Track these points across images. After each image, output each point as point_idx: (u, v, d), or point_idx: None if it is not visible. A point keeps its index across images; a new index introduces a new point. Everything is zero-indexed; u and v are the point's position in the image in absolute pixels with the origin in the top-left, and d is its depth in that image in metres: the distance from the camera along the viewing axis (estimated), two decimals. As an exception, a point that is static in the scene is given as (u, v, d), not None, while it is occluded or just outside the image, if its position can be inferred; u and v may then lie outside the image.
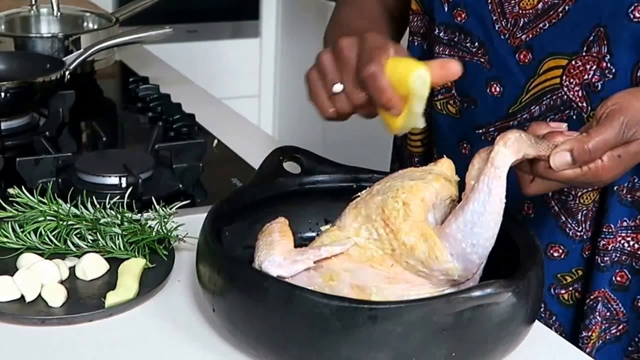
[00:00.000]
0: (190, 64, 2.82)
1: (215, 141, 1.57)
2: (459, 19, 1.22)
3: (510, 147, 0.93)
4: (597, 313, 1.17)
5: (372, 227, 0.96)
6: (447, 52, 1.24)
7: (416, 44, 1.31)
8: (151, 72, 1.97)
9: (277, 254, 0.96)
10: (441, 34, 1.24)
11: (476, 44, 1.21)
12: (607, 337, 1.19)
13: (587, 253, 1.19)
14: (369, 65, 1.00)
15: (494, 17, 1.18)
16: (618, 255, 1.17)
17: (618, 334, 1.20)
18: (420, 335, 0.85)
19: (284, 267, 0.95)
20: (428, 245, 0.93)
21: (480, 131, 1.23)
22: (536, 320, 0.97)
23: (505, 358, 0.93)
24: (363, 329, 0.85)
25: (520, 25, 1.16)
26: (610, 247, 1.15)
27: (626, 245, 1.16)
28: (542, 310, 1.22)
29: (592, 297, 1.17)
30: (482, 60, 1.21)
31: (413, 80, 0.99)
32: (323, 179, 1.13)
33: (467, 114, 1.25)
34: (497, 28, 1.18)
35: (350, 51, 1.04)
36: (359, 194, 1.01)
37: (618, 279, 1.18)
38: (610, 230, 1.15)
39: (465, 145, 1.26)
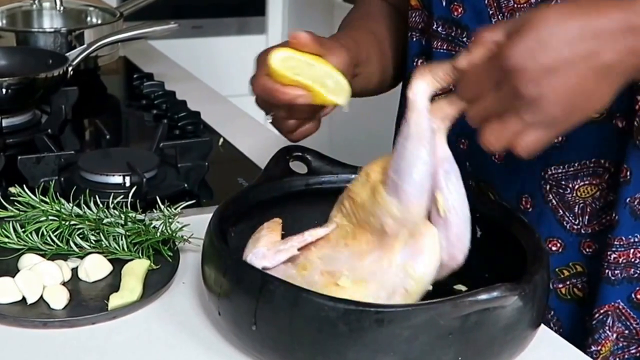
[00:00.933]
0: (196, 60, 2.81)
1: (221, 140, 1.56)
2: (455, 13, 1.22)
3: (423, 78, 0.95)
4: (608, 327, 1.15)
5: (343, 205, 1.01)
6: (445, 47, 1.24)
7: (415, 39, 1.31)
8: (156, 68, 1.96)
9: (261, 246, 0.98)
10: (439, 29, 1.24)
11: (472, 38, 1.20)
12: (626, 356, 1.17)
13: (587, 250, 1.17)
14: (254, 81, 1.09)
15: (491, 12, 1.18)
16: (638, 272, 1.15)
17: (638, 354, 1.17)
18: (427, 338, 0.85)
19: (267, 257, 0.97)
20: (374, 195, 0.96)
21: None
22: (542, 325, 0.96)
23: (511, 362, 0.93)
24: (369, 332, 0.84)
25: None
26: (621, 260, 1.14)
27: None
28: None
29: (601, 310, 1.15)
30: None
31: (274, 61, 1.05)
32: (330, 179, 1.12)
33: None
34: (493, 22, 1.18)
35: (256, 84, 1.13)
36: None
37: (638, 296, 1.15)
38: (621, 243, 1.13)
39: (463, 140, 1.25)
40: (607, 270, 1.14)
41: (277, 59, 1.05)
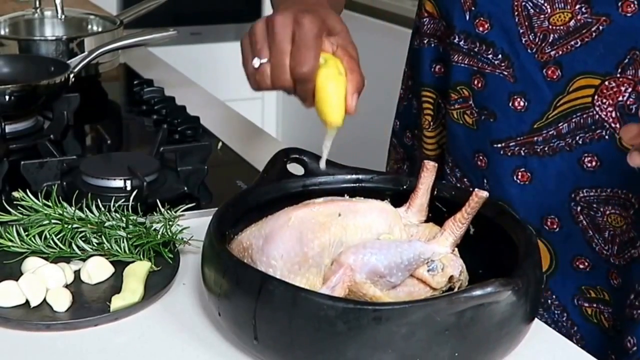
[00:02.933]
0: (195, 66, 2.83)
1: (220, 144, 1.57)
2: (480, 29, 1.20)
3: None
4: None
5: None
6: (466, 62, 1.23)
7: (433, 45, 1.30)
8: (156, 74, 1.97)
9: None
10: (461, 43, 1.22)
11: (499, 56, 1.19)
12: None
13: (614, 281, 1.17)
14: (302, 65, 1.02)
15: (521, 30, 1.17)
16: None
17: None
18: (424, 335, 0.85)
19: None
20: None
21: (499, 145, 1.21)
22: (537, 319, 0.97)
23: (506, 357, 0.94)
24: (368, 330, 0.85)
25: (550, 40, 1.15)
26: None
27: None
28: (564, 319, 1.21)
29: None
30: (506, 73, 1.19)
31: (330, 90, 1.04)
32: (326, 180, 1.13)
33: (484, 127, 1.23)
34: (523, 41, 1.17)
35: (283, 31, 1.04)
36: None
37: None
38: None
39: (481, 157, 1.24)
40: (633, 310, 1.14)
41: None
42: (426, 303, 0.87)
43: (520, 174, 1.20)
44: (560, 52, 1.14)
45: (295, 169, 1.15)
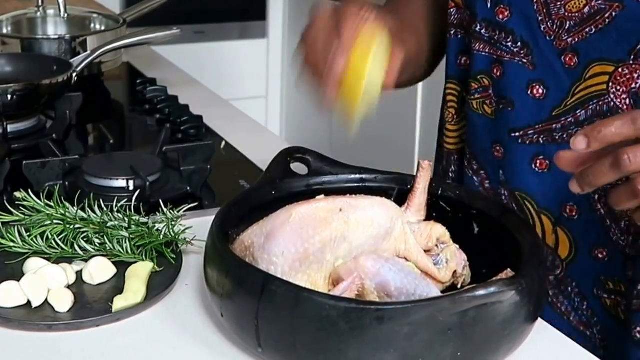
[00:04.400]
0: (198, 65, 2.82)
1: (223, 143, 1.57)
2: (501, 16, 1.20)
3: None
4: None
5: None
6: (487, 50, 1.23)
7: (459, 36, 1.30)
8: (159, 73, 1.97)
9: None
10: (482, 31, 1.23)
11: (519, 43, 1.19)
12: None
13: (629, 273, 1.17)
14: (335, 57, 1.03)
15: (540, 18, 1.17)
16: None
17: None
18: (427, 335, 0.85)
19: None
20: None
21: (517, 134, 1.21)
22: (540, 319, 0.97)
23: (509, 356, 0.93)
24: (370, 330, 0.85)
25: (566, 28, 1.15)
26: None
27: None
28: (584, 307, 1.21)
29: None
30: (525, 61, 1.19)
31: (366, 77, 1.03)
32: (330, 179, 1.13)
33: (501, 116, 1.23)
34: (542, 29, 1.17)
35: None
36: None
37: None
38: None
39: (498, 148, 1.24)
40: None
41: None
42: (429, 303, 0.87)
43: (539, 162, 1.20)
44: (577, 39, 1.14)
45: (299, 168, 1.14)
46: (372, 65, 1.04)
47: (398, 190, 1.11)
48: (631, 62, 1.11)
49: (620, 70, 1.12)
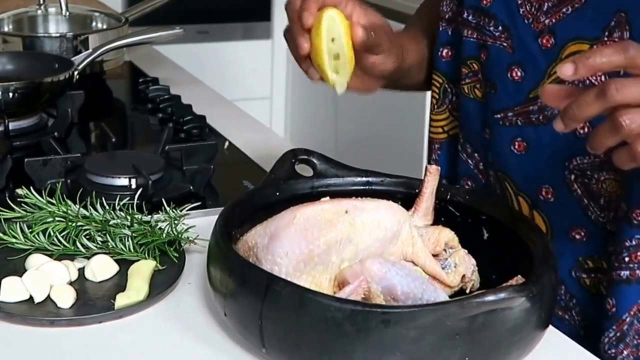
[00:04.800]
0: (201, 65, 2.82)
1: (227, 143, 1.56)
2: (485, 2, 1.23)
3: None
4: (631, 330, 1.15)
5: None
6: (474, 36, 1.26)
7: (441, 29, 1.33)
8: (161, 73, 1.96)
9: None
10: (469, 17, 1.26)
11: (500, 27, 1.22)
12: (633, 352, 1.16)
13: (610, 248, 1.17)
14: (297, 35, 1.11)
15: (519, 1, 1.19)
16: None
17: None
18: (434, 339, 0.85)
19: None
20: None
21: (498, 116, 1.23)
22: (550, 326, 0.96)
23: (519, 363, 0.93)
24: (376, 332, 0.84)
25: (544, 9, 1.17)
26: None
27: None
28: (562, 292, 1.21)
29: (631, 312, 1.14)
30: (505, 44, 1.21)
31: (324, 18, 1.08)
32: (336, 182, 1.12)
33: (488, 99, 1.25)
34: (521, 12, 1.19)
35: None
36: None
37: None
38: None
39: (487, 130, 1.26)
40: (626, 272, 1.13)
41: (328, 19, 1.09)
42: (436, 307, 0.87)
43: (517, 143, 1.21)
44: (554, 20, 1.16)
45: (304, 170, 1.14)
46: (328, 38, 1.09)
47: (405, 194, 1.11)
48: (606, 39, 1.11)
49: (595, 47, 1.11)
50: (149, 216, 1.18)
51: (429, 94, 1.39)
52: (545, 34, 1.17)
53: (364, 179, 1.13)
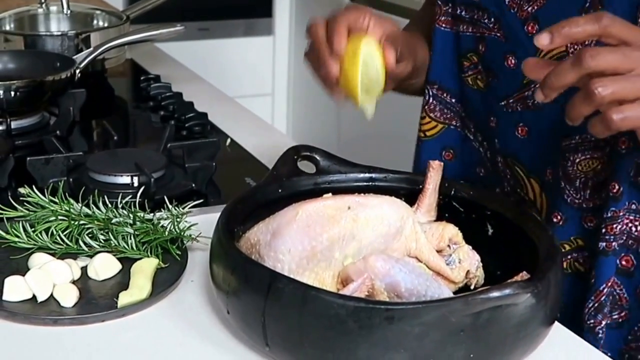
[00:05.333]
0: (203, 62, 2.81)
1: (228, 140, 1.56)
2: None
3: None
4: (606, 309, 1.16)
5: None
6: (470, 30, 1.29)
7: (442, 27, 1.35)
8: (163, 70, 1.96)
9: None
10: (463, 13, 1.30)
11: (492, 19, 1.25)
12: (609, 322, 1.18)
13: (589, 224, 1.18)
14: (327, 63, 1.11)
15: None
16: (624, 238, 1.15)
17: (620, 320, 1.18)
18: (438, 336, 0.84)
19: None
20: None
21: (502, 103, 1.26)
22: (556, 322, 0.96)
23: (524, 359, 0.92)
24: (379, 329, 0.84)
25: None
26: (618, 230, 1.14)
27: (633, 229, 1.15)
28: None
29: (608, 283, 1.16)
30: (499, 34, 1.25)
31: (362, 46, 1.10)
32: (339, 178, 1.12)
33: (491, 88, 1.28)
34: (507, 2, 1.22)
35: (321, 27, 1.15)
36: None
37: (623, 263, 1.16)
38: (619, 214, 1.14)
39: (492, 118, 1.28)
40: (602, 243, 1.15)
41: (367, 48, 1.11)
42: (440, 303, 0.86)
43: (520, 128, 1.24)
44: (536, 7, 1.19)
45: (307, 166, 1.13)
46: (363, 65, 1.10)
47: (408, 190, 1.10)
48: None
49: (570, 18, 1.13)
50: (151, 214, 1.17)
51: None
52: (530, 21, 1.20)
53: (367, 175, 1.12)
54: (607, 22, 0.92)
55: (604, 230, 1.14)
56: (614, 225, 1.14)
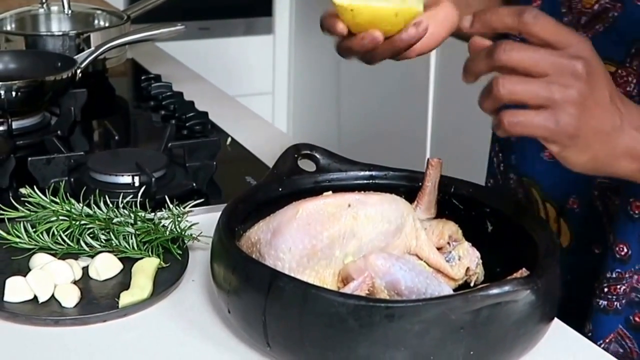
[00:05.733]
0: (203, 61, 2.81)
1: (229, 139, 1.56)
2: (534, 5, 1.21)
3: None
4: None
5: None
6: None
7: None
8: (163, 70, 1.96)
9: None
10: None
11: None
12: None
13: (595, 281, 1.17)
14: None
15: (563, 10, 1.18)
16: (632, 296, 1.14)
17: None
18: (438, 333, 0.84)
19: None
20: None
21: None
22: (556, 318, 0.96)
23: (524, 356, 0.92)
24: (380, 327, 0.84)
25: (582, 23, 1.15)
26: (620, 290, 1.13)
27: None
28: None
29: (606, 340, 1.15)
30: None
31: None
32: (339, 176, 1.12)
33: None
34: (564, 21, 1.18)
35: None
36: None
37: (637, 319, 1.15)
38: (622, 276, 1.13)
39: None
40: (603, 302, 1.14)
41: None
42: (440, 301, 0.87)
43: (548, 152, 1.19)
44: (590, 35, 1.15)
45: (307, 165, 1.14)
46: None
47: (408, 187, 1.10)
48: (627, 64, 1.11)
49: (619, 71, 1.11)
50: (152, 214, 1.18)
51: (431, 88, 1.39)
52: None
53: (367, 173, 1.12)
54: (528, 19, 0.86)
55: (606, 289, 1.13)
56: (618, 286, 1.12)
